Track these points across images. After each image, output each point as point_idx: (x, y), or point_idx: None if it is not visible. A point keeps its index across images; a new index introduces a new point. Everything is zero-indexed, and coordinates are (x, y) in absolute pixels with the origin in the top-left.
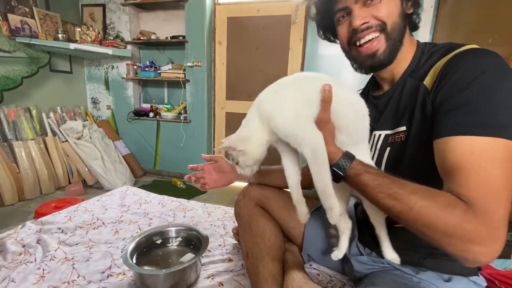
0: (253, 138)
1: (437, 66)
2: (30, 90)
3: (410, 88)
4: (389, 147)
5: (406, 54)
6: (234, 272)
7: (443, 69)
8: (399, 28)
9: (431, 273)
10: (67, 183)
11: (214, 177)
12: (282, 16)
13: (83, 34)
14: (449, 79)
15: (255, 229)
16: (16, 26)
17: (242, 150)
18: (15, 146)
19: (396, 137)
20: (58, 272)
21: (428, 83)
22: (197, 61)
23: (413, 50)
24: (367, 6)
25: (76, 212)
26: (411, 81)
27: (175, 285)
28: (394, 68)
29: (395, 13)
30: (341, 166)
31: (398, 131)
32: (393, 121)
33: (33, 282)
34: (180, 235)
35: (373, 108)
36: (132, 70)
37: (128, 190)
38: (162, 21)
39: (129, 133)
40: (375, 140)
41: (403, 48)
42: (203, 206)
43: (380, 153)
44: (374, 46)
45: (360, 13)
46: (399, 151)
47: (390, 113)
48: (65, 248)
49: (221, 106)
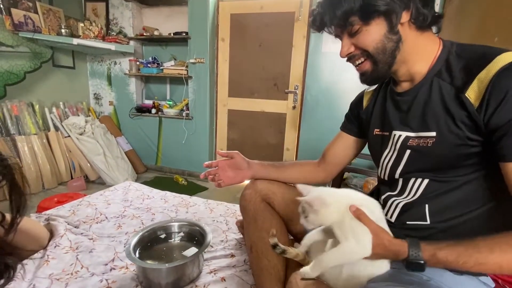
0: (330, 208)
1: (482, 78)
2: (33, 85)
3: (441, 92)
4: (410, 150)
5: (425, 53)
6: (237, 267)
7: (491, 85)
8: (388, 48)
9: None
10: (69, 178)
11: (229, 174)
12: (286, 13)
13: (86, 29)
14: (504, 97)
15: (261, 223)
16: (19, 20)
17: (317, 210)
18: (18, 141)
19: (421, 141)
20: (63, 262)
21: (473, 97)
22: (200, 57)
23: (436, 48)
24: (352, 36)
25: (80, 206)
26: (441, 83)
27: (178, 279)
28: (410, 68)
29: (377, 39)
30: (415, 257)
31: (424, 135)
32: (418, 124)
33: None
34: (182, 230)
35: (394, 105)
36: (135, 66)
37: (131, 185)
38: (165, 17)
39: (131, 129)
40: (395, 140)
41: (419, 48)
42: (205, 202)
43: (399, 154)
44: (363, 68)
45: (346, 44)
46: (423, 154)
47: (415, 114)
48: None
49: (223, 103)
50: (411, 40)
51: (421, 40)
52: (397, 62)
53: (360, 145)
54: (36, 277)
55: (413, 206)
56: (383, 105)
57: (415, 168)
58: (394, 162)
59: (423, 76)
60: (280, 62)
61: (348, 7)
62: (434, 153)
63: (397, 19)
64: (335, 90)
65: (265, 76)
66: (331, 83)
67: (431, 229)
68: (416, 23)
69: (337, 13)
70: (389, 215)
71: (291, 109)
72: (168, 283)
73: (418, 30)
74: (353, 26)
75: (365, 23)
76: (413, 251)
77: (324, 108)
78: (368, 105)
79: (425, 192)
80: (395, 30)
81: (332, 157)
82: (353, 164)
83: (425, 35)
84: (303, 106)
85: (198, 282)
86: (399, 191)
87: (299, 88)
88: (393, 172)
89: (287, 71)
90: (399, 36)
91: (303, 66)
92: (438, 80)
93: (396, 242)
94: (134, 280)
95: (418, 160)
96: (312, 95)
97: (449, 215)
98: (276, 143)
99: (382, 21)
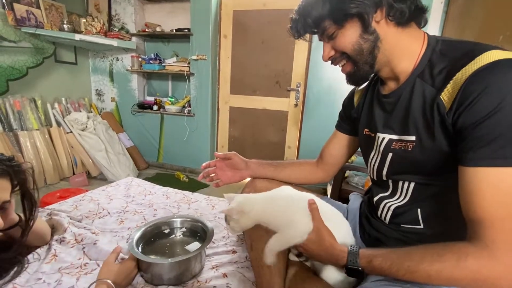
0: (250, 215)
1: (457, 80)
2: (35, 81)
3: (422, 94)
4: (392, 153)
5: (408, 50)
6: (238, 263)
7: (464, 88)
8: (365, 48)
9: None
10: (71, 174)
11: (227, 173)
12: (289, 10)
13: (88, 25)
14: (472, 101)
15: None
16: (21, 15)
17: (236, 218)
18: (20, 136)
19: (402, 144)
20: (70, 256)
21: (446, 99)
22: (202, 54)
23: (420, 45)
24: (330, 40)
25: (82, 202)
26: (423, 85)
27: (180, 274)
28: (394, 67)
29: (353, 40)
30: (353, 262)
31: (405, 139)
32: (400, 127)
33: (46, 262)
34: (185, 226)
35: (380, 107)
36: (137, 62)
37: (133, 181)
38: (167, 13)
39: (133, 125)
40: (379, 142)
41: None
42: (207, 198)
43: (383, 156)
44: (346, 70)
45: (326, 48)
46: (404, 158)
47: (397, 116)
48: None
49: (225, 100)
50: (391, 37)
51: (403, 37)
52: (380, 61)
53: (356, 144)
54: (45, 272)
55: (406, 210)
56: (371, 105)
57: (398, 170)
58: (379, 164)
59: (407, 76)
60: (282, 59)
61: (317, 14)
62: (414, 157)
63: (370, 19)
64: (337, 87)
65: (267, 74)
66: (333, 81)
67: (425, 234)
68: (393, 19)
69: (308, 21)
70: (382, 216)
71: (293, 107)
72: (170, 278)
73: (398, 26)
74: (328, 30)
75: (339, 26)
76: (351, 257)
77: (326, 106)
78: (358, 103)
79: (414, 195)
80: (371, 30)
81: (329, 157)
82: (354, 162)
83: (407, 32)
84: (305, 104)
85: (200, 278)
86: (390, 192)
87: (301, 86)
88: (380, 174)
89: (289, 69)
90: (376, 35)
91: (305, 63)
92: (420, 82)
93: (337, 247)
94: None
95: (400, 163)
96: (314, 93)
97: (441, 220)
98: (278, 141)
99: (355, 23)
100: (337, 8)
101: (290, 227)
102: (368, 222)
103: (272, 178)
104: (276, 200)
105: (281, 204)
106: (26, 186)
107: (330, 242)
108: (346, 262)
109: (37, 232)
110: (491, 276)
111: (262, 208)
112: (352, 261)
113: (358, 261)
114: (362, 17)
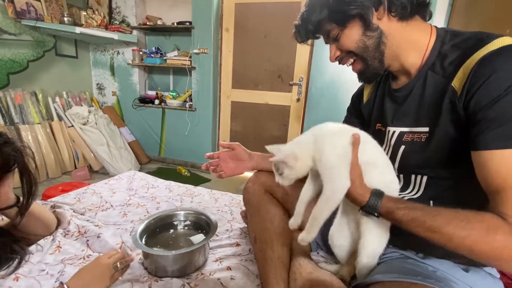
0: (303, 159)
1: (467, 66)
2: (36, 74)
3: (434, 86)
4: (404, 145)
5: (415, 43)
6: (242, 256)
7: (473, 72)
8: (370, 45)
9: (446, 261)
10: (73, 168)
11: (231, 165)
12: (292, 3)
13: (89, 18)
14: (482, 85)
15: (264, 215)
16: (21, 8)
17: (292, 166)
18: (22, 130)
19: (415, 136)
20: (74, 247)
21: (457, 86)
22: (204, 48)
23: (427, 37)
24: (335, 41)
25: (85, 195)
26: (434, 77)
27: (184, 267)
28: (403, 61)
29: (356, 38)
30: (372, 206)
31: (417, 131)
32: (412, 119)
33: (50, 252)
34: (189, 218)
35: (392, 101)
36: (138, 56)
37: (135, 174)
38: (168, 6)
39: (134, 120)
40: (389, 136)
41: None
42: (209, 192)
43: (394, 150)
44: (356, 68)
45: (332, 49)
46: (417, 150)
47: (409, 109)
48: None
49: (226, 94)
50: (396, 32)
51: (409, 31)
52: (388, 56)
53: None
54: (48, 264)
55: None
56: (382, 100)
57: (410, 164)
58: (390, 157)
59: (418, 69)
60: (285, 53)
61: (318, 19)
62: (428, 148)
63: (370, 17)
64: (340, 82)
65: (270, 68)
66: (336, 75)
67: None
68: (396, 14)
69: (310, 27)
70: None
71: (295, 102)
72: (174, 270)
73: (402, 21)
74: (332, 32)
75: (341, 27)
76: (373, 201)
77: (329, 101)
78: (368, 99)
79: (427, 189)
80: (373, 27)
81: None
82: None
83: (412, 25)
84: (307, 99)
85: (204, 270)
86: (402, 186)
87: (303, 80)
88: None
89: (292, 63)
90: (380, 31)
91: (308, 57)
92: (431, 74)
93: (363, 187)
94: (141, 267)
95: (412, 156)
96: (317, 87)
97: None
98: (280, 135)
99: (356, 22)
100: (337, 10)
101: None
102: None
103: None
104: (325, 138)
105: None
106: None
107: (360, 181)
108: (365, 204)
109: (42, 219)
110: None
111: (314, 149)
112: (371, 205)
113: (378, 207)
114: (363, 17)
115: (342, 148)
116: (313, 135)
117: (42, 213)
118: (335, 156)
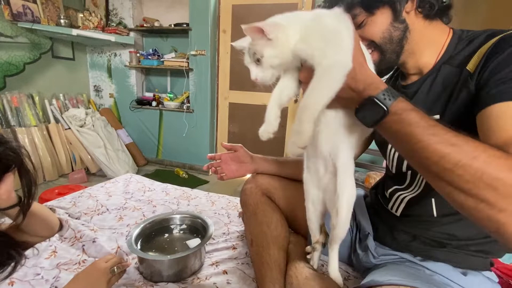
0: (289, 30)
1: (482, 50)
2: (32, 77)
3: (446, 75)
4: None
5: (433, 42)
6: (238, 260)
7: (488, 52)
8: (394, 36)
9: (444, 265)
10: (70, 170)
11: (232, 167)
12: (289, 4)
13: (86, 20)
14: (495, 58)
15: (261, 217)
16: (18, 10)
17: (272, 39)
18: (18, 133)
19: None
20: (69, 253)
21: (471, 67)
22: (201, 49)
23: (445, 37)
24: (358, 28)
25: (81, 198)
26: (447, 68)
27: (180, 271)
28: (418, 59)
29: (383, 28)
30: (382, 100)
31: None
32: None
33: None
34: (185, 222)
35: None
36: (135, 58)
37: (132, 177)
38: (165, 8)
39: (132, 121)
40: None
41: (427, 37)
42: (206, 195)
43: None
44: (374, 57)
45: None
46: None
47: (418, 101)
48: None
49: (224, 96)
50: (418, 29)
51: (430, 30)
52: (405, 52)
53: (370, 138)
54: (44, 268)
55: (420, 200)
56: None
57: None
58: (399, 155)
59: (430, 68)
60: None
61: (349, 0)
62: None
63: (401, 6)
64: None
65: None
66: None
67: (438, 222)
68: (423, 11)
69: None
70: (394, 208)
71: (293, 103)
72: (169, 274)
73: (426, 19)
74: (358, 18)
75: (370, 13)
76: (386, 95)
77: None
78: None
79: (428, 185)
80: (401, 18)
81: None
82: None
83: (433, 25)
84: None
85: (200, 274)
86: (407, 184)
87: None
88: (400, 166)
89: None
90: (406, 24)
91: None
92: (445, 66)
93: (372, 74)
94: (136, 272)
95: None
96: None
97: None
98: (278, 137)
99: (386, 10)
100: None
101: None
102: (376, 214)
103: (276, 173)
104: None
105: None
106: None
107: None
108: (376, 94)
109: (45, 220)
110: None
111: (304, 21)
112: (383, 97)
113: (390, 102)
114: (394, 4)
115: (344, 20)
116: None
117: (44, 213)
118: (334, 20)
